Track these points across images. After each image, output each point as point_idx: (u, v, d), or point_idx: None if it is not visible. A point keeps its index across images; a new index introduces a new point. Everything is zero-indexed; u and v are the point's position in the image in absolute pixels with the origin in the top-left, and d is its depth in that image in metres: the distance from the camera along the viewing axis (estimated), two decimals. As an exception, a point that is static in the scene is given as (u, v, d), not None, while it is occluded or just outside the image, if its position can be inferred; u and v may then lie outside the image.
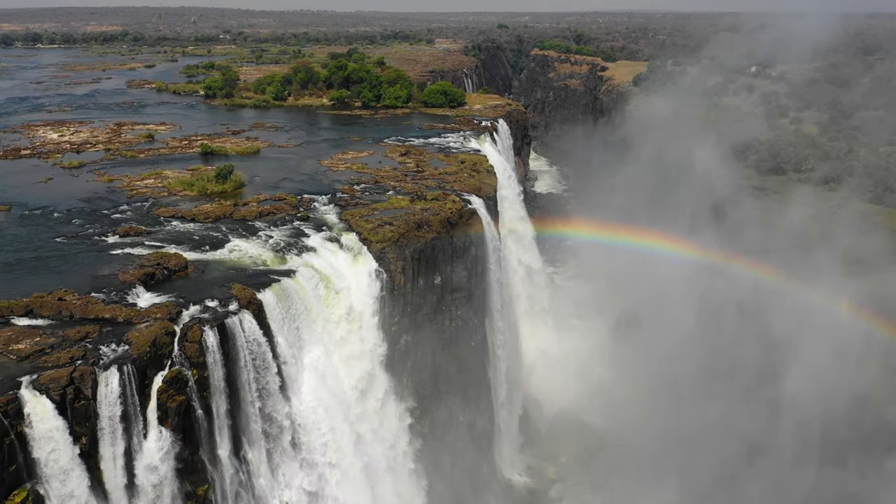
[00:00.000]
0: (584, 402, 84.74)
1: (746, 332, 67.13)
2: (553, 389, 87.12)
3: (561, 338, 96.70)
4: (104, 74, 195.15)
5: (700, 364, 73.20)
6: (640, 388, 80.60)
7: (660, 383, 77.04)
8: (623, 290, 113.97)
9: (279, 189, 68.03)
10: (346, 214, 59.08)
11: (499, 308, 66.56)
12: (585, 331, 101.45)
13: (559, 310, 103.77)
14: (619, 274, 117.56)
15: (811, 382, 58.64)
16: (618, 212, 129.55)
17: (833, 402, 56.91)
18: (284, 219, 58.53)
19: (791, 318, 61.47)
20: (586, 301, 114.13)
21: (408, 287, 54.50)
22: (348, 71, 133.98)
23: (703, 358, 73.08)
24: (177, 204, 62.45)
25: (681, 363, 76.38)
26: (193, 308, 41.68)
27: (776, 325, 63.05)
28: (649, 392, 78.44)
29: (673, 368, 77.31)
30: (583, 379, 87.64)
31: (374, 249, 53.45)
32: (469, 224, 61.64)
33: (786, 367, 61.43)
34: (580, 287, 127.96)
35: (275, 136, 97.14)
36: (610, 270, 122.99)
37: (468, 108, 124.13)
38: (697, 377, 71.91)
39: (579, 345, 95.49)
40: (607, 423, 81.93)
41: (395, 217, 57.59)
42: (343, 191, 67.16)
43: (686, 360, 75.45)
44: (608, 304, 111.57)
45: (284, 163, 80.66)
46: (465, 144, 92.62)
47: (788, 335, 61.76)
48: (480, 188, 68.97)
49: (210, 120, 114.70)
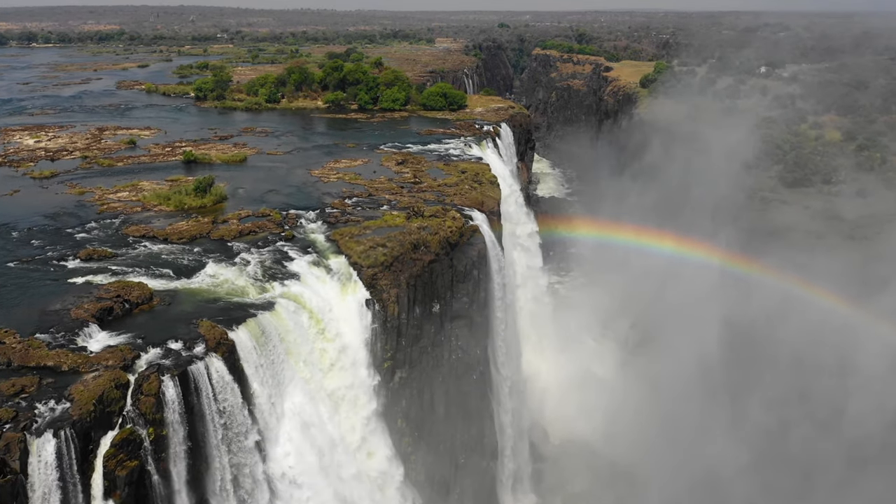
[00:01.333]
0: (594, 429, 79.08)
1: (779, 352, 61.03)
2: (560, 415, 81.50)
3: (567, 357, 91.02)
4: (95, 75, 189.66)
5: (725, 387, 67.39)
6: (656, 413, 74.91)
7: (678, 408, 71.27)
8: (633, 301, 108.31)
9: (264, 203, 62.41)
10: (336, 234, 53.47)
11: (503, 335, 60.99)
12: (594, 349, 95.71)
13: (565, 325, 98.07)
14: (629, 283, 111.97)
15: (862, 405, 52.76)
16: (627, 218, 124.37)
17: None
18: (267, 239, 52.90)
19: (835, 339, 55.56)
20: (594, 315, 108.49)
21: (403, 317, 48.91)
22: (344, 72, 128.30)
23: (728, 381, 67.25)
24: (150, 221, 56.82)
25: (701, 386, 70.66)
26: (153, 351, 36.07)
27: (817, 346, 57.03)
28: (667, 418, 72.69)
29: (692, 392, 71.58)
30: (592, 403, 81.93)
31: (366, 276, 47.85)
32: (471, 243, 56.03)
33: (828, 394, 55.54)
34: (587, 298, 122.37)
35: (264, 143, 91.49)
36: (618, 279, 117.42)
37: (469, 110, 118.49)
38: (722, 402, 66.10)
39: (587, 365, 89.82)
40: (619, 451, 76.25)
41: (388, 237, 51.96)
42: (333, 205, 61.55)
43: (708, 381, 69.71)
44: (618, 317, 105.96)
45: (272, 172, 75.04)
46: (465, 151, 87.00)
47: (833, 359, 55.87)
48: (483, 202, 63.35)
49: (198, 124, 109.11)
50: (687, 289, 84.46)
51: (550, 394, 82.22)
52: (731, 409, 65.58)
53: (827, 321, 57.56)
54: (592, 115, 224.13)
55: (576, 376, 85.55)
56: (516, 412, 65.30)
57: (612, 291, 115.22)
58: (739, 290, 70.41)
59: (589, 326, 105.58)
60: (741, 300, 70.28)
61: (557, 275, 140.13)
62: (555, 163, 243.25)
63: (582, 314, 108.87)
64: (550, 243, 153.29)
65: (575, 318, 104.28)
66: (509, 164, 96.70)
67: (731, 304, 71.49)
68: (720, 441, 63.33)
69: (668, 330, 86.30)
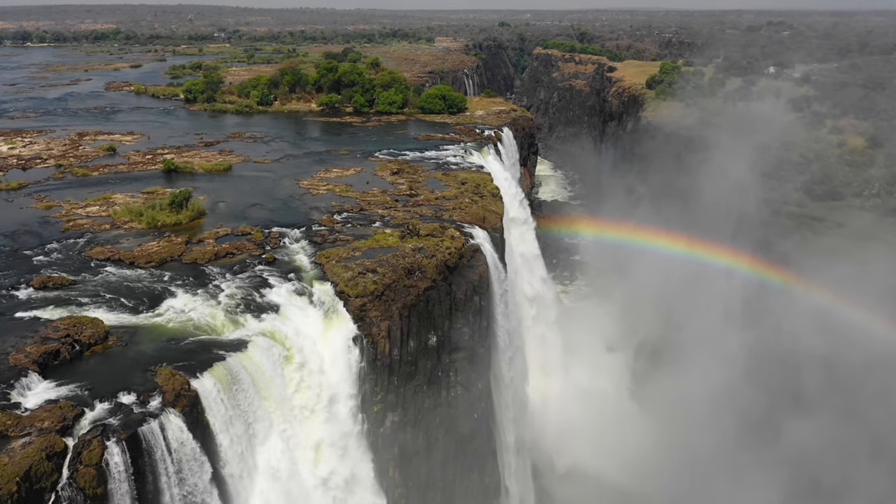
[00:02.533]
0: (603, 456, 73.75)
1: (812, 378, 55.37)
2: (565, 441, 76.17)
3: (574, 378, 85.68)
4: (85, 75, 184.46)
5: (749, 410, 61.91)
6: (672, 440, 69.60)
7: (697, 437, 65.87)
8: (643, 312, 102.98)
9: (245, 219, 57.12)
10: (322, 256, 48.22)
11: (508, 365, 55.74)
12: (602, 368, 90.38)
13: (571, 342, 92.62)
14: (638, 292, 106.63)
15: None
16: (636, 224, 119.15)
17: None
18: (245, 262, 47.66)
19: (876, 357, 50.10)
20: (601, 329, 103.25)
21: (395, 353, 43.69)
22: (339, 73, 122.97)
23: (752, 403, 61.72)
24: (117, 241, 51.56)
25: (725, 411, 65.23)
26: (100, 407, 30.89)
27: (867, 371, 51.46)
28: (684, 446, 67.32)
29: (714, 417, 66.17)
30: (600, 428, 76.65)
31: (353, 307, 42.59)
32: (471, 266, 50.76)
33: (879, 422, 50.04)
34: (593, 309, 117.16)
35: (252, 149, 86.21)
36: (625, 288, 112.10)
37: (469, 114, 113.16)
38: (750, 431, 60.61)
39: (595, 386, 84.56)
40: (630, 480, 70.99)
41: (380, 262, 46.66)
42: (321, 222, 56.28)
43: (732, 407, 64.22)
44: (627, 332, 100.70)
45: (257, 183, 69.76)
46: (465, 159, 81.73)
47: (873, 380, 50.40)
48: (484, 217, 58.07)
49: (185, 128, 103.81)
50: (705, 299, 79.15)
51: (555, 418, 76.91)
52: (759, 438, 60.05)
53: (876, 344, 51.92)
54: (595, 117, 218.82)
55: (583, 399, 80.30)
56: (521, 445, 60.02)
57: (619, 302, 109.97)
58: (768, 302, 64.66)
59: (596, 342, 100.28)
60: (770, 313, 64.55)
61: (561, 283, 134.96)
62: (557, 164, 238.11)
63: (588, 328, 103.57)
64: (554, 250, 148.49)
65: (581, 333, 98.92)
66: (512, 171, 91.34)
67: (757, 317, 65.86)
68: (747, 475, 57.96)
69: (683, 346, 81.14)
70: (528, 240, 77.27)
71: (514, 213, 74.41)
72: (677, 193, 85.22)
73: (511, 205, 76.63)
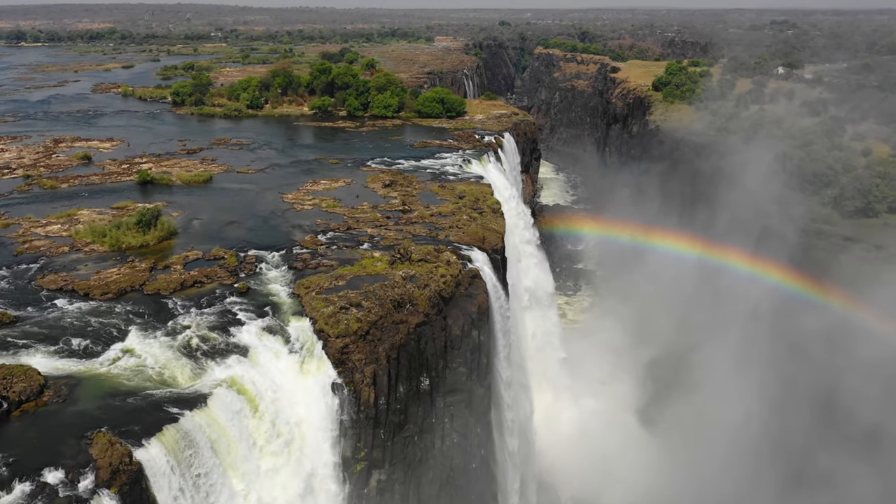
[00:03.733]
0: (611, 491, 68.29)
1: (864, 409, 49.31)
2: (569, 471, 70.66)
3: (581, 403, 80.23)
4: (74, 76, 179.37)
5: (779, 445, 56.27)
6: (686, 473, 64.13)
7: (714, 472, 60.40)
8: (653, 327, 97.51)
9: (220, 240, 51.72)
10: (301, 286, 42.85)
11: (510, 405, 50.31)
12: (611, 391, 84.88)
13: (577, 361, 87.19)
14: (647, 303, 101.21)
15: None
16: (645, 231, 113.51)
17: None
18: (214, 294, 42.29)
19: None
20: (608, 346, 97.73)
21: (381, 402, 38.34)
22: (332, 75, 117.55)
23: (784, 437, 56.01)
24: (74, 267, 46.20)
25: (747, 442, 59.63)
26: (18, 490, 25.59)
27: None
28: (701, 480, 61.78)
29: (737, 448, 60.59)
30: (609, 458, 71.14)
31: (334, 348, 37.21)
32: (469, 295, 45.36)
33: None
34: (600, 323, 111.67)
35: (236, 158, 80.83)
36: (632, 299, 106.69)
37: (468, 118, 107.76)
38: (776, 466, 55.10)
39: (604, 411, 79.12)
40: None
41: (365, 294, 41.25)
42: (303, 243, 50.89)
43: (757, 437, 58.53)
44: (635, 349, 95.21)
45: (238, 197, 64.36)
46: (464, 168, 76.37)
47: None
48: (484, 237, 52.66)
49: (168, 134, 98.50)
50: (725, 311, 73.38)
51: (561, 450, 71.39)
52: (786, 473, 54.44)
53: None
54: (598, 118, 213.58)
55: (591, 427, 74.77)
56: (525, 486, 54.60)
57: (628, 314, 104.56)
58: (800, 317, 58.56)
59: (604, 362, 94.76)
60: (803, 329, 58.29)
61: (565, 294, 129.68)
62: (559, 167, 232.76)
63: (596, 345, 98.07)
64: (557, 258, 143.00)
65: (588, 350, 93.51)
66: (514, 181, 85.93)
67: (788, 333, 59.81)
68: None
69: (701, 365, 75.77)
70: (537, 272, 71.24)
71: (518, 236, 68.43)
72: (690, 205, 79.95)
73: (514, 224, 71.19)
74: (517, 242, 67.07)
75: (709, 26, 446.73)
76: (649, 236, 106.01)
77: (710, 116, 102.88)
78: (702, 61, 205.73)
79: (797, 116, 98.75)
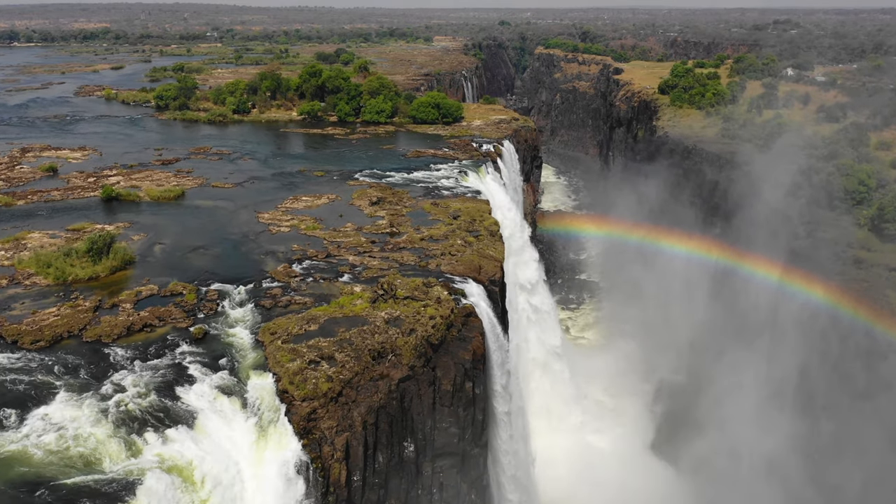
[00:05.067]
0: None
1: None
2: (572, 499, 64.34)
3: (585, 432, 74.15)
4: (60, 78, 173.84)
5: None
6: None
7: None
8: (663, 343, 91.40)
9: (181, 271, 45.70)
10: (266, 331, 36.85)
11: (510, 460, 44.27)
12: (617, 419, 78.80)
13: (580, 383, 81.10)
14: (655, 318, 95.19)
15: None
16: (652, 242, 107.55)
17: None
18: (165, 341, 36.30)
19: None
20: (615, 364, 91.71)
21: (356, 478, 32.35)
22: (323, 79, 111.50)
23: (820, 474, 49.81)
24: (9, 305, 40.23)
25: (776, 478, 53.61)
26: None
27: None
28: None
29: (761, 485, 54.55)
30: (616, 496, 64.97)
31: (300, 415, 31.20)
32: (463, 338, 39.33)
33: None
34: (604, 340, 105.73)
35: (214, 169, 74.82)
36: (638, 312, 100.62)
37: (466, 124, 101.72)
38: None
39: (610, 441, 73.02)
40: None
41: (340, 342, 35.25)
42: (274, 275, 44.87)
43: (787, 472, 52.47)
44: (643, 369, 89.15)
45: (210, 216, 58.32)
46: (460, 181, 70.37)
47: None
48: (480, 266, 46.65)
49: (146, 141, 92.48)
50: (745, 325, 67.02)
51: (564, 487, 65.11)
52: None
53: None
54: (601, 121, 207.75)
55: (597, 461, 68.61)
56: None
57: (634, 330, 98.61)
58: (837, 337, 52.36)
59: (610, 384, 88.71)
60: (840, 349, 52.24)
61: (568, 308, 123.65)
62: (560, 170, 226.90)
63: (602, 365, 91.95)
64: (558, 269, 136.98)
65: (593, 374, 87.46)
66: (514, 193, 79.95)
67: (825, 356, 53.58)
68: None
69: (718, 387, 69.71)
70: (533, 282, 65.14)
71: (523, 276, 61.85)
72: (705, 216, 73.95)
73: (510, 235, 65.12)
74: (514, 270, 60.90)
75: (711, 26, 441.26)
76: (658, 245, 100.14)
77: (723, 122, 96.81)
78: (708, 62, 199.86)
79: (815, 122, 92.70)
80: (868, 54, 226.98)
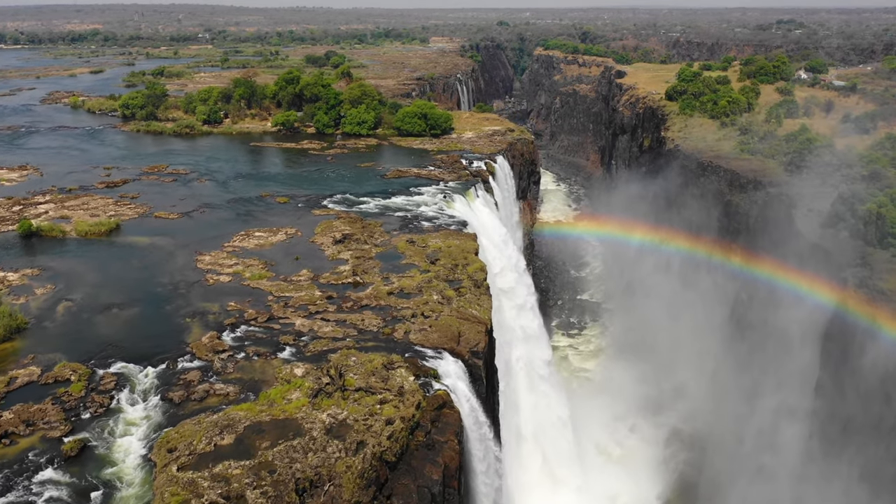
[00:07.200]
0: None
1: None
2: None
3: (587, 486, 64.56)
4: (33, 83, 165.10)
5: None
6: None
7: None
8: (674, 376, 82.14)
9: (80, 343, 36.06)
10: (163, 447, 27.27)
11: None
12: (623, 470, 69.48)
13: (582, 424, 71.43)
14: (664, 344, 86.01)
15: None
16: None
17: None
18: (23, 463, 26.74)
19: None
20: (622, 400, 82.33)
21: None
22: (300, 86, 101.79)
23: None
24: None
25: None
26: None
27: None
28: None
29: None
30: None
31: None
32: (432, 446, 29.59)
33: None
34: (608, 373, 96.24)
35: (163, 194, 65.15)
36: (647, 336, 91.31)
37: (456, 136, 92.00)
38: None
39: (615, 496, 63.53)
40: None
41: (258, 468, 25.67)
42: (196, 349, 35.21)
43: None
44: (653, 407, 79.76)
45: (141, 259, 48.62)
46: (444, 209, 60.71)
47: None
48: (460, 334, 36.98)
49: (98, 158, 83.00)
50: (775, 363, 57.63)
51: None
52: None
53: None
54: (603, 126, 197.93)
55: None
56: None
57: (642, 360, 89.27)
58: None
59: (615, 426, 79.33)
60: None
61: (567, 334, 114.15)
62: (560, 177, 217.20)
63: (606, 402, 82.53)
64: (558, 288, 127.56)
65: (596, 409, 78.00)
66: (508, 219, 70.30)
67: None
68: None
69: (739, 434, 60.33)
70: (532, 334, 55.15)
71: (517, 324, 52.11)
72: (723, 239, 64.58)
73: (499, 270, 55.43)
74: (507, 319, 51.10)
75: (713, 25, 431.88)
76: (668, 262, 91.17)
77: (739, 134, 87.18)
78: (714, 64, 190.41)
79: (842, 134, 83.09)
80: (879, 55, 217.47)
